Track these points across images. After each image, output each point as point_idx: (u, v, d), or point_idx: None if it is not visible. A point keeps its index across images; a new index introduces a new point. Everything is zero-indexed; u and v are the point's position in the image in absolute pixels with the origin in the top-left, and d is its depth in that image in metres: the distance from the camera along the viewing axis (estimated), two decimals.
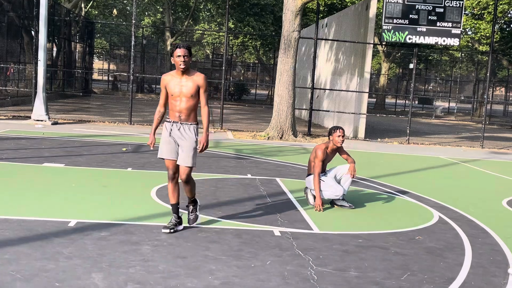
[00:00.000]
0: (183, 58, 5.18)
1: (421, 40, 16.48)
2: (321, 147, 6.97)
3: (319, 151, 6.90)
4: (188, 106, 5.27)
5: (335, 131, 6.92)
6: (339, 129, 6.93)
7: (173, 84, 5.29)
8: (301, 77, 24.60)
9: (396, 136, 18.28)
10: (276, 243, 5.24)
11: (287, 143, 14.55)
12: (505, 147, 17.78)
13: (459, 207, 7.47)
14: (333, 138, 6.93)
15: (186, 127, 5.32)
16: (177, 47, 5.21)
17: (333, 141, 6.93)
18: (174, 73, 5.33)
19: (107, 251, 4.65)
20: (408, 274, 4.58)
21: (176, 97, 5.27)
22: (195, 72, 5.34)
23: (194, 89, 5.26)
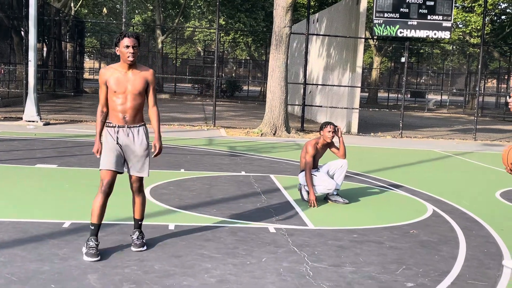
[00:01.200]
0: (132, 50, 4.48)
1: (412, 34, 16.52)
2: (311, 142, 6.99)
3: (310, 147, 6.92)
4: (135, 106, 4.60)
5: (326, 127, 6.94)
6: (329, 125, 6.95)
7: (117, 79, 4.52)
8: (293, 73, 24.60)
9: (389, 130, 18.33)
10: (271, 239, 5.24)
11: (280, 139, 14.56)
12: (497, 139, 17.87)
13: (453, 200, 7.50)
14: (324, 133, 6.95)
15: (135, 130, 4.71)
16: (124, 36, 4.50)
17: (324, 136, 6.96)
18: (118, 67, 4.58)
19: (102, 251, 4.63)
20: (403, 268, 4.60)
21: (120, 95, 4.53)
22: (143, 66, 4.68)
23: (143, 86, 4.59)
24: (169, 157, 10.32)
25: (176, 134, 14.29)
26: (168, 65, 59.87)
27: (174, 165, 9.32)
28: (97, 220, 4.61)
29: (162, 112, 21.84)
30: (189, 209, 6.29)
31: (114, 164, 4.63)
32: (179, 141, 12.81)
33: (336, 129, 6.98)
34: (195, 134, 14.61)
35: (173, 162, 9.70)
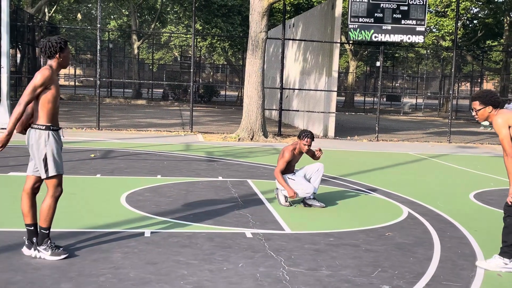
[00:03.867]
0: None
1: (386, 38, 16.71)
2: (288, 148, 7.02)
3: (286, 153, 6.95)
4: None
5: (303, 139, 6.96)
6: (307, 138, 6.95)
7: (57, 83, 4.55)
8: (270, 77, 24.68)
9: (365, 134, 18.48)
10: (248, 245, 5.24)
11: (258, 144, 14.57)
12: (471, 141, 18.15)
13: (428, 202, 7.59)
14: (300, 143, 6.99)
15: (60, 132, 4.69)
16: (66, 41, 4.61)
17: (300, 145, 7.00)
18: (54, 70, 4.55)
19: (76, 260, 4.58)
20: (378, 271, 4.63)
21: (57, 98, 4.57)
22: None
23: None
24: (146, 163, 10.26)
25: (152, 140, 14.21)
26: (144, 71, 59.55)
27: (150, 171, 9.25)
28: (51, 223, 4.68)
29: (139, 118, 21.75)
30: (165, 215, 6.25)
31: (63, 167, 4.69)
32: (156, 147, 12.73)
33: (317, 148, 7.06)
34: (172, 140, 14.54)
35: (150, 168, 9.64)
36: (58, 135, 4.59)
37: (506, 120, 4.69)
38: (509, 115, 4.74)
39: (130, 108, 28.61)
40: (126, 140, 14.04)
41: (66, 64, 4.66)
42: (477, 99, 4.83)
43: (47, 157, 4.49)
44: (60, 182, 4.61)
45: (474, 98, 4.87)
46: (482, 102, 4.81)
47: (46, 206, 4.56)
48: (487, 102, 4.78)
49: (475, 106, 4.86)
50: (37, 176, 4.64)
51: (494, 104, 4.77)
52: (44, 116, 4.49)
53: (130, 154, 11.40)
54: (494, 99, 4.78)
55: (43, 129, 4.49)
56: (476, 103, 4.85)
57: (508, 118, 4.70)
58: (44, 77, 4.44)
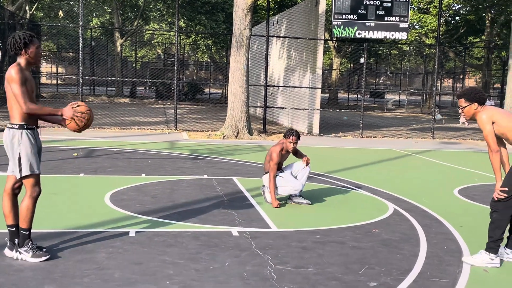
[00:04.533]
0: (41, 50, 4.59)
1: (370, 35, 16.75)
2: (276, 149, 6.97)
3: (275, 154, 6.91)
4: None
5: (289, 137, 6.94)
6: (293, 136, 6.93)
7: (30, 81, 4.43)
8: (254, 74, 24.63)
9: (349, 130, 18.53)
10: (234, 243, 5.20)
11: (242, 142, 14.53)
12: (454, 137, 18.29)
13: (413, 198, 7.61)
14: (286, 142, 6.96)
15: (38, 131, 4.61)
16: (32, 36, 4.45)
17: (286, 144, 6.98)
18: (24, 67, 4.43)
19: (60, 261, 4.50)
20: (365, 268, 4.62)
21: (32, 96, 4.44)
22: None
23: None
24: (130, 161, 10.16)
25: (137, 138, 14.09)
26: (127, 68, 59.11)
27: (134, 170, 9.17)
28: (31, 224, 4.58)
29: (122, 116, 21.55)
30: (150, 214, 6.18)
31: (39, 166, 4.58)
32: (140, 145, 12.63)
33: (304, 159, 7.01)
34: (156, 138, 14.43)
35: (134, 166, 9.54)
36: (34, 134, 4.50)
37: (490, 116, 4.70)
38: (493, 111, 4.75)
39: (113, 106, 28.38)
40: (109, 138, 13.91)
41: (35, 60, 4.47)
42: (463, 96, 4.84)
43: (20, 156, 4.41)
44: (37, 182, 4.52)
45: (460, 96, 4.88)
46: (467, 99, 4.82)
47: (25, 206, 4.48)
48: (473, 99, 4.79)
49: (461, 104, 4.87)
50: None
51: (480, 101, 4.79)
52: (18, 115, 4.40)
53: (114, 153, 11.28)
54: (479, 96, 4.79)
55: (16, 128, 4.41)
56: (462, 101, 4.85)
57: (492, 114, 4.71)
58: (17, 74, 4.31)
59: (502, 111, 4.83)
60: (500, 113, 4.76)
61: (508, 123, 4.67)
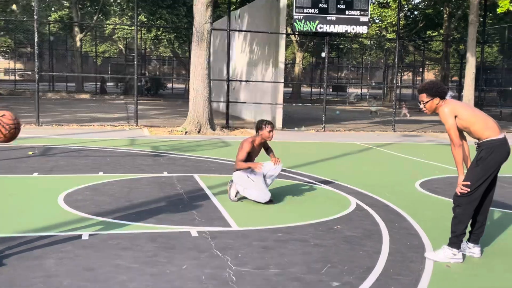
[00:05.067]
0: None
1: (331, 29, 16.72)
2: (247, 140, 6.79)
3: (245, 144, 6.71)
4: None
5: (266, 126, 6.76)
6: (269, 124, 6.77)
7: None
8: (217, 69, 24.36)
9: (312, 124, 18.50)
10: (193, 244, 5.01)
11: (205, 137, 14.30)
12: (415, 129, 18.48)
13: (375, 193, 7.56)
14: (263, 133, 6.77)
15: None
16: None
17: (263, 135, 6.78)
18: None
19: (5, 269, 4.22)
20: (328, 267, 4.50)
21: None
22: None
23: None
24: (87, 159, 9.83)
25: (96, 135, 13.70)
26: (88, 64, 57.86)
27: (92, 168, 8.85)
28: None
29: (82, 112, 21.00)
30: (105, 215, 5.93)
31: None
32: (99, 142, 12.26)
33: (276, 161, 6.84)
34: (116, 135, 14.07)
35: (91, 165, 9.23)
36: None
37: (452, 110, 4.63)
38: (455, 104, 4.69)
39: (73, 102, 27.69)
40: (67, 136, 13.49)
41: None
42: (424, 91, 4.76)
43: None
44: None
45: (421, 90, 4.79)
46: (429, 94, 4.73)
47: None
48: (434, 93, 4.71)
49: (422, 99, 4.78)
50: None
51: (441, 95, 4.71)
52: None
53: (71, 151, 10.91)
54: (441, 90, 4.71)
55: None
56: (423, 96, 4.77)
57: (454, 108, 4.65)
58: None
59: (464, 104, 4.77)
60: (462, 106, 4.71)
61: (470, 116, 4.61)
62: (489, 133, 4.60)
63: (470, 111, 4.66)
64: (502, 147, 4.62)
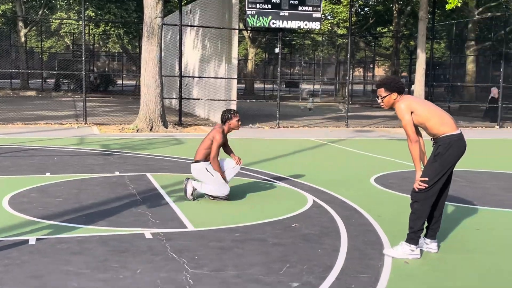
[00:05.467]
0: None
1: (284, 25, 16.69)
2: (218, 131, 6.59)
3: (218, 134, 6.51)
4: None
5: (234, 116, 6.60)
6: (237, 113, 6.61)
7: None
8: (168, 65, 23.98)
9: (266, 121, 18.44)
10: (147, 247, 4.81)
11: (157, 135, 14.01)
12: (367, 125, 18.70)
13: (331, 189, 7.53)
14: (232, 122, 6.59)
15: None
16: None
17: (231, 125, 6.59)
18: None
19: None
20: (287, 267, 4.41)
21: None
22: None
23: None
24: (33, 160, 9.42)
25: (42, 134, 13.18)
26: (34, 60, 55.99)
27: (38, 169, 8.47)
28: None
29: (28, 110, 20.24)
30: (54, 218, 5.64)
31: None
32: (46, 142, 11.80)
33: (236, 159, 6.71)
34: (64, 133, 13.59)
35: (38, 165, 8.84)
36: None
37: (408, 106, 4.61)
38: (411, 100, 4.67)
39: (18, 99, 26.70)
40: (11, 135, 12.93)
41: None
42: (383, 86, 4.72)
43: None
44: None
45: (380, 85, 4.75)
46: (387, 89, 4.70)
47: None
48: (393, 89, 4.69)
49: (380, 93, 4.75)
50: None
51: (399, 90, 4.69)
52: None
53: (16, 151, 10.44)
54: (399, 86, 4.69)
55: None
56: (381, 90, 4.73)
57: (410, 104, 4.63)
58: None
59: (420, 100, 4.77)
60: (418, 102, 4.70)
61: (426, 112, 4.61)
62: (445, 129, 4.60)
63: (426, 107, 4.66)
64: (459, 143, 4.64)
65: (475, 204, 6.79)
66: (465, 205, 6.73)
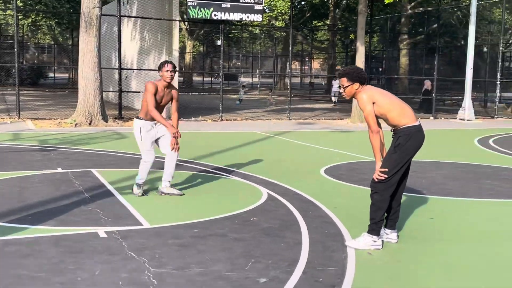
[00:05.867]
0: None
1: (226, 17, 16.54)
2: (150, 82, 6.37)
3: (149, 84, 6.27)
4: None
5: (164, 66, 6.29)
6: (169, 63, 6.33)
7: None
8: (104, 57, 23.23)
9: (208, 114, 18.25)
10: (103, 246, 4.58)
11: (97, 129, 13.54)
12: (309, 117, 18.89)
13: (284, 181, 7.49)
14: (162, 73, 6.33)
15: None
16: None
17: (163, 76, 6.32)
18: None
19: None
20: (252, 262, 4.31)
21: None
22: None
23: None
24: None
25: None
26: None
27: None
28: None
29: None
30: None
31: None
32: None
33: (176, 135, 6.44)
34: None
35: None
36: None
37: (370, 97, 4.61)
38: (373, 91, 4.68)
39: None
40: None
41: None
42: (345, 75, 4.70)
43: None
44: None
45: (342, 75, 4.72)
46: (349, 79, 4.68)
47: None
48: (355, 78, 4.67)
49: (343, 83, 4.72)
50: None
51: (361, 80, 4.68)
52: None
53: None
54: (361, 76, 4.68)
55: None
56: (344, 80, 4.71)
57: (372, 94, 4.63)
58: None
59: (382, 91, 4.77)
60: (380, 93, 4.70)
61: (388, 103, 4.62)
62: (406, 120, 4.64)
63: (388, 98, 4.67)
64: (419, 134, 4.69)
65: (425, 194, 6.95)
66: (416, 194, 6.87)
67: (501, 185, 7.64)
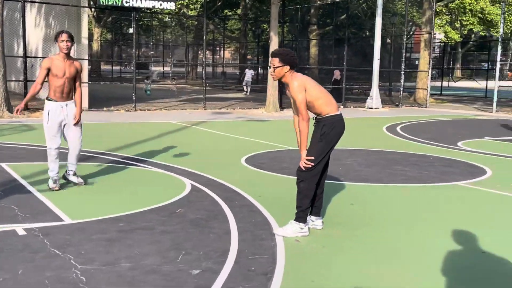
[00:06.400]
0: None
1: (138, 4, 16.16)
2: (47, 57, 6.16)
3: (44, 60, 6.09)
4: None
5: (59, 36, 5.99)
6: (64, 33, 6.01)
7: None
8: (6, 45, 21.88)
9: (120, 104, 17.78)
10: (23, 244, 4.35)
11: (3, 121, 12.79)
12: (224, 107, 18.92)
13: (206, 171, 7.47)
14: (58, 44, 6.02)
15: None
16: None
17: (60, 48, 6.02)
18: None
19: None
20: (183, 254, 4.27)
21: None
22: None
23: None
24: None
25: None
26: None
27: None
28: None
29: None
30: None
31: None
32: None
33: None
34: None
35: None
36: None
37: (302, 85, 4.68)
38: (304, 79, 4.75)
39: None
40: None
41: None
42: (278, 56, 4.71)
43: None
44: None
45: (275, 54, 4.74)
46: (281, 60, 4.70)
47: None
48: (287, 61, 4.70)
49: (274, 63, 4.73)
50: None
51: (292, 64, 4.72)
52: None
53: None
54: (293, 60, 4.72)
55: None
56: (276, 60, 4.72)
57: (304, 82, 4.70)
58: None
59: (311, 79, 4.85)
60: (310, 81, 4.78)
61: (317, 92, 4.72)
62: (330, 109, 4.77)
63: (317, 87, 4.77)
64: (341, 123, 4.84)
65: (343, 180, 7.20)
66: (335, 181, 7.10)
67: (411, 170, 8.08)
